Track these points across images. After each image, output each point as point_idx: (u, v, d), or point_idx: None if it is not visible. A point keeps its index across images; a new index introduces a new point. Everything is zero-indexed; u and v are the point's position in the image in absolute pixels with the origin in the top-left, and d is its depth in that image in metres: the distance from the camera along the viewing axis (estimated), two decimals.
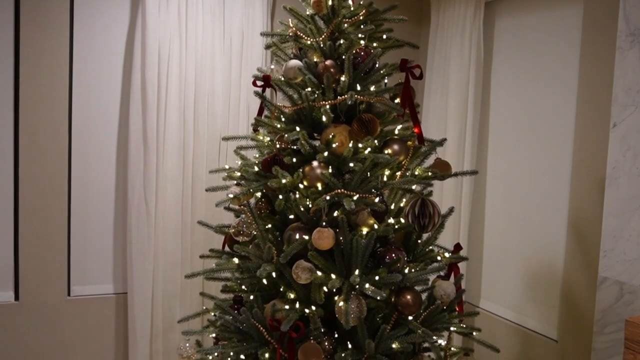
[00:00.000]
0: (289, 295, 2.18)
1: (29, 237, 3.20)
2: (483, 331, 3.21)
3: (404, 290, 2.12)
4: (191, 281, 3.36)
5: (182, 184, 3.32)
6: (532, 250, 3.07)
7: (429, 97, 3.59)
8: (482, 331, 2.71)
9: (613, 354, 2.03)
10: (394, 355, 2.14)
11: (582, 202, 2.72)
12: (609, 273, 2.04)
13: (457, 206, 3.30)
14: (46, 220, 3.22)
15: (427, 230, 2.12)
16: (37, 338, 3.26)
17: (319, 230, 2.02)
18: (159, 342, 3.34)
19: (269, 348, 2.09)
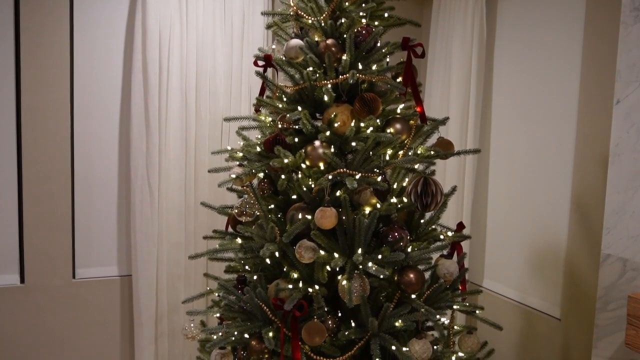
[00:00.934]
0: (292, 275, 2.19)
1: (33, 221, 3.21)
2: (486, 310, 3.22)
3: (406, 269, 2.12)
4: (195, 262, 3.38)
5: (185, 166, 3.32)
6: (535, 228, 3.07)
7: (432, 76, 3.57)
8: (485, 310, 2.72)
9: (615, 330, 2.04)
10: (397, 333, 2.15)
11: (585, 180, 2.72)
12: (612, 250, 2.04)
13: (459, 185, 3.29)
14: (50, 203, 3.23)
15: (429, 209, 2.12)
16: (43, 320, 3.29)
17: (322, 209, 2.02)
18: (164, 323, 3.37)
19: (273, 327, 2.10)
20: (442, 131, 2.39)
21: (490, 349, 2.64)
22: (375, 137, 2.09)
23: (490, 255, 3.42)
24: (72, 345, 3.36)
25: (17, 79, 3.16)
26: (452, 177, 3.33)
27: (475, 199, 3.40)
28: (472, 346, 2.42)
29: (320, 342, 2.04)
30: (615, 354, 2.05)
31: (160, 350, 3.38)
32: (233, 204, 2.43)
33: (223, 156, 2.58)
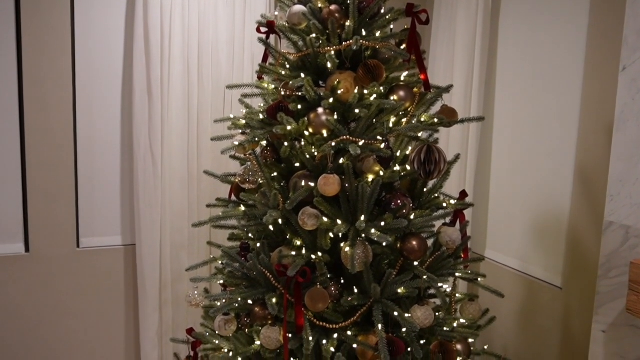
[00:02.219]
0: (295, 242, 2.20)
1: (37, 190, 3.22)
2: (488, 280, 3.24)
3: (409, 236, 2.13)
4: (198, 231, 3.40)
5: (188, 135, 3.32)
6: (538, 197, 3.07)
7: (436, 43, 3.54)
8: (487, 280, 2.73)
9: (617, 297, 2.05)
10: (400, 300, 2.17)
11: (590, 148, 2.71)
12: (615, 217, 2.04)
13: (463, 153, 3.29)
14: (53, 172, 3.23)
15: (432, 176, 2.12)
16: (48, 289, 3.32)
17: (325, 176, 2.02)
18: (168, 291, 3.40)
19: (276, 293, 2.12)
20: (446, 99, 2.38)
21: (492, 317, 2.67)
22: (379, 104, 2.08)
23: (493, 225, 3.43)
24: (77, 313, 3.40)
25: (18, 43, 3.14)
26: (456, 145, 3.32)
27: (478, 168, 3.40)
28: (474, 313, 2.44)
29: (323, 308, 2.05)
30: (616, 320, 2.06)
31: (164, 318, 3.41)
32: (236, 172, 2.43)
33: (226, 125, 2.57)
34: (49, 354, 3.37)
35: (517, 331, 3.22)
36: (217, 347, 2.39)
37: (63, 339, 3.39)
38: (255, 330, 2.24)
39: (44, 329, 3.34)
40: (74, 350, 3.42)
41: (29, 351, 3.32)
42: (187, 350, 2.62)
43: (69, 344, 3.41)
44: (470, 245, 2.52)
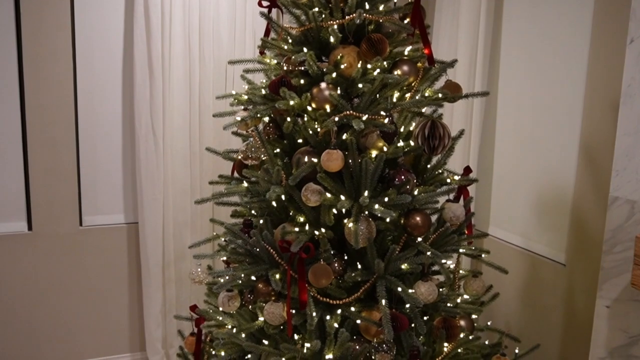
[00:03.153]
0: (298, 219, 2.19)
1: (39, 168, 3.21)
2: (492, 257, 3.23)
3: (413, 212, 2.11)
4: (201, 209, 3.39)
5: (189, 112, 3.30)
6: (542, 174, 3.05)
7: (440, 17, 3.49)
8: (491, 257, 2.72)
9: (621, 272, 2.04)
10: (403, 276, 2.17)
11: (595, 123, 2.68)
12: (620, 193, 2.02)
13: (467, 129, 3.26)
14: (55, 151, 3.22)
15: (436, 152, 2.10)
16: (51, 267, 3.32)
17: (328, 152, 2.01)
18: (171, 269, 3.40)
19: (279, 269, 2.11)
20: (449, 74, 2.35)
21: (495, 293, 2.67)
22: (382, 78, 2.05)
23: (496, 202, 3.42)
24: (80, 292, 3.41)
25: (18, 26, 3.11)
26: (460, 121, 3.30)
27: (482, 144, 3.37)
28: (477, 289, 2.44)
29: (326, 284, 2.05)
30: (620, 296, 2.06)
31: (168, 295, 3.43)
32: (238, 149, 2.41)
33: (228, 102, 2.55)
34: (53, 332, 3.39)
35: (520, 307, 3.22)
36: (221, 323, 2.40)
37: (67, 318, 3.41)
38: (259, 306, 2.24)
39: (47, 307, 3.35)
40: (78, 329, 3.44)
41: (32, 329, 3.34)
42: (191, 327, 2.62)
43: (72, 322, 3.42)
44: (473, 222, 2.50)
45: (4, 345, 3.29)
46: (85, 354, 3.48)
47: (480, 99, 3.26)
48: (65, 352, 3.43)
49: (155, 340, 3.42)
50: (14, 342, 3.31)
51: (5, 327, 3.28)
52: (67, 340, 3.42)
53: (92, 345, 3.49)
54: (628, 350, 2.05)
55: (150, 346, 3.44)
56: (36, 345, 3.36)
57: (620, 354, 2.07)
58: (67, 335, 3.42)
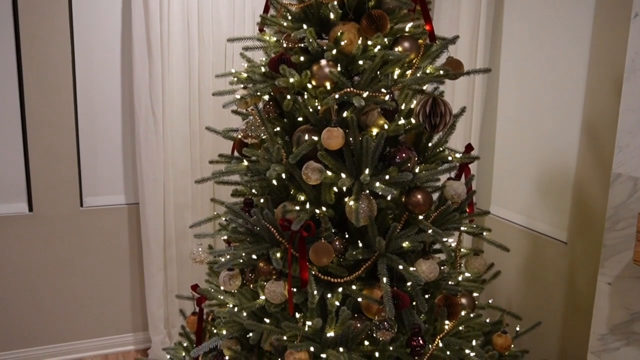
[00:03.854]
0: (299, 198, 2.18)
1: (38, 149, 3.20)
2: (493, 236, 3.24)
3: (414, 190, 2.10)
4: (202, 190, 3.39)
5: (189, 93, 3.27)
6: (545, 152, 3.03)
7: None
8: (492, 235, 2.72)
9: (623, 249, 2.03)
10: (404, 254, 2.16)
11: (598, 100, 2.66)
12: (623, 169, 2.01)
13: (468, 107, 3.24)
14: (54, 132, 3.21)
15: (438, 129, 2.08)
16: (53, 248, 3.33)
17: (329, 129, 1.99)
18: (172, 249, 3.41)
19: (280, 248, 2.11)
20: (451, 51, 2.32)
21: (497, 271, 2.67)
22: (383, 55, 2.02)
23: (498, 181, 3.41)
24: (82, 272, 3.42)
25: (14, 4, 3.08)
26: (461, 98, 3.28)
27: (484, 122, 3.36)
28: (479, 267, 2.44)
29: (327, 262, 2.04)
30: (622, 273, 2.05)
31: (169, 276, 3.43)
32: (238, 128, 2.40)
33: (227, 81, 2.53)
34: (55, 313, 3.40)
35: (521, 286, 3.22)
36: (222, 302, 2.40)
37: (68, 298, 3.42)
38: (260, 285, 2.23)
39: (49, 288, 3.36)
40: (80, 309, 3.45)
41: (34, 310, 3.35)
42: (193, 307, 2.63)
43: (74, 302, 3.44)
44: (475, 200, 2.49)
45: (6, 325, 3.31)
46: (88, 334, 3.50)
47: (482, 76, 3.23)
48: (67, 332, 3.45)
49: (157, 320, 3.43)
50: (16, 322, 3.33)
51: (7, 308, 3.29)
52: (70, 320, 3.44)
53: (94, 325, 3.50)
54: (629, 326, 2.05)
55: (153, 326, 3.45)
56: (38, 326, 3.38)
57: (621, 331, 2.07)
58: (69, 315, 3.44)
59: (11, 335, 3.33)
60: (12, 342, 3.34)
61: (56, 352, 3.43)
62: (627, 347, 2.06)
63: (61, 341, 3.44)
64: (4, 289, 3.27)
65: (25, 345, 3.36)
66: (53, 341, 3.42)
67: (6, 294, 3.28)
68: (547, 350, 3.04)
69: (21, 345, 3.36)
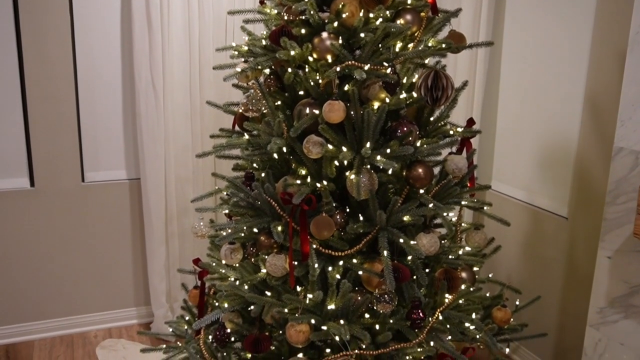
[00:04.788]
0: (300, 172, 2.18)
1: (39, 124, 3.19)
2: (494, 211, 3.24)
3: (415, 163, 2.10)
4: (203, 165, 3.38)
5: (190, 66, 3.25)
6: (546, 126, 3.02)
7: None
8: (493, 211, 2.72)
9: (624, 223, 2.04)
10: (405, 228, 2.17)
11: (601, 73, 2.65)
12: (625, 143, 2.00)
13: (471, 81, 3.22)
14: (54, 106, 3.20)
15: (439, 103, 2.07)
16: (55, 223, 3.34)
17: (330, 102, 1.98)
18: (174, 224, 3.42)
19: (282, 222, 2.11)
20: (453, 24, 2.31)
21: (497, 246, 2.67)
22: (385, 28, 2.01)
23: (499, 156, 3.40)
24: (84, 248, 3.43)
25: None
26: (463, 72, 3.25)
27: (486, 96, 3.34)
28: (479, 241, 2.45)
29: (328, 236, 2.05)
30: (622, 247, 2.06)
31: (171, 250, 3.45)
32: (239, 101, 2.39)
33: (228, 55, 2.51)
34: (57, 288, 3.42)
35: (521, 260, 3.24)
36: (224, 276, 2.41)
37: (71, 273, 3.44)
38: (261, 258, 2.25)
39: (52, 262, 3.38)
40: (83, 284, 3.48)
41: (37, 285, 3.38)
42: (194, 281, 2.65)
43: (77, 277, 3.46)
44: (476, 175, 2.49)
45: (9, 300, 3.33)
46: (91, 308, 3.53)
47: (484, 49, 3.21)
48: (70, 307, 3.48)
49: (160, 294, 3.45)
50: (19, 297, 3.35)
51: (10, 283, 3.32)
52: (72, 295, 3.46)
53: (97, 300, 3.53)
54: (628, 300, 2.06)
55: (155, 300, 3.47)
56: (41, 300, 3.40)
57: (620, 304, 2.09)
58: (72, 290, 3.46)
59: (14, 309, 3.36)
60: (16, 316, 3.37)
61: (59, 326, 3.46)
62: (625, 319, 2.08)
63: (64, 315, 3.47)
64: (6, 264, 3.29)
65: (28, 319, 3.39)
66: (56, 315, 3.45)
67: (9, 269, 3.30)
68: (546, 324, 3.06)
69: (24, 319, 3.39)
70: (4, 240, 3.26)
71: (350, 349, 2.04)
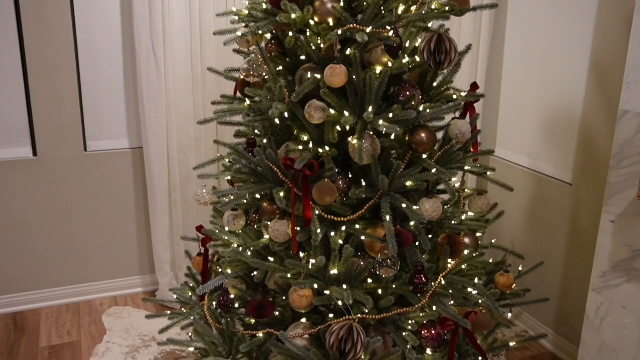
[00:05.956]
0: (302, 137, 2.17)
1: (40, 93, 3.17)
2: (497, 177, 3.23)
3: (418, 128, 2.09)
4: (205, 133, 3.37)
5: (190, 33, 3.22)
6: (552, 92, 2.99)
7: None
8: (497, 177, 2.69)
9: (628, 187, 2.03)
10: (408, 194, 2.16)
11: (608, 36, 2.61)
12: (630, 106, 1.98)
13: (475, 44, 3.18)
14: (55, 74, 3.18)
15: (443, 67, 2.04)
16: (58, 192, 3.34)
17: (332, 66, 1.96)
18: (177, 193, 3.42)
19: (284, 187, 2.11)
20: None
21: (501, 211, 2.67)
22: None
23: (504, 122, 3.38)
24: (88, 216, 3.44)
25: None
26: (467, 36, 3.21)
27: (490, 60, 3.30)
28: (482, 207, 2.44)
29: (331, 201, 2.05)
30: (625, 210, 2.06)
31: (174, 219, 3.46)
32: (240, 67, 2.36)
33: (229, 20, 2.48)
34: (62, 256, 3.45)
35: (525, 227, 3.24)
36: (227, 242, 2.42)
37: (76, 242, 3.46)
38: (264, 224, 2.25)
39: (56, 232, 3.39)
40: (88, 252, 3.50)
41: (41, 254, 3.40)
42: (198, 249, 2.66)
43: (81, 246, 3.48)
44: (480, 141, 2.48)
45: (16, 269, 3.36)
46: (97, 277, 3.56)
47: (489, 12, 3.16)
48: (76, 276, 3.50)
49: (164, 262, 3.48)
50: (25, 266, 3.38)
51: (16, 252, 3.34)
52: (77, 263, 3.49)
53: (102, 268, 3.56)
54: (631, 263, 2.06)
55: (159, 268, 3.50)
56: (47, 270, 3.43)
57: (623, 268, 2.09)
58: (77, 259, 3.48)
59: (21, 278, 3.38)
60: (22, 285, 3.39)
61: (65, 294, 3.50)
62: (627, 283, 2.08)
63: (70, 284, 3.50)
64: (10, 233, 3.30)
65: (35, 287, 3.42)
66: (62, 284, 3.48)
67: (12, 238, 3.31)
68: (548, 290, 3.07)
69: (31, 288, 3.42)
70: (9, 209, 3.27)
71: (353, 313, 2.05)
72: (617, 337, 2.15)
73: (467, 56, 2.36)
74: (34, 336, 3.15)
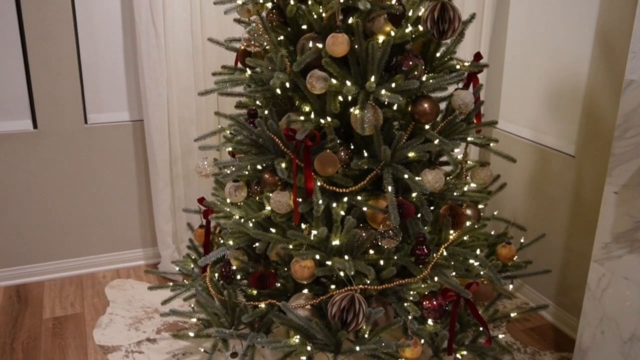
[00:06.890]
0: (303, 108, 2.15)
1: (39, 66, 3.14)
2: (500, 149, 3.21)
3: (421, 98, 2.06)
4: (206, 105, 3.35)
5: (190, 5, 3.17)
6: (556, 63, 2.96)
7: None
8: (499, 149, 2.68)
9: (631, 158, 2.01)
10: (410, 165, 2.15)
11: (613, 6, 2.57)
12: (636, 75, 1.95)
13: (479, 13, 3.14)
14: (54, 48, 3.14)
15: (446, 36, 2.02)
16: (59, 165, 3.33)
17: (333, 35, 1.93)
18: (178, 166, 3.41)
19: (285, 158, 2.10)
20: None
21: (503, 183, 2.66)
22: None
23: (507, 95, 3.35)
24: (90, 189, 3.44)
25: None
26: (471, 6, 3.16)
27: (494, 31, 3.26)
28: (485, 178, 2.43)
29: (332, 172, 2.04)
30: (628, 181, 2.04)
31: (176, 191, 3.45)
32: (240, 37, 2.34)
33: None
34: (64, 230, 3.45)
35: (527, 198, 3.23)
36: (228, 214, 2.42)
37: (77, 215, 3.46)
38: (265, 196, 2.24)
39: (57, 204, 3.39)
40: (90, 225, 3.50)
41: (43, 226, 3.40)
42: (200, 221, 2.66)
43: (83, 219, 3.48)
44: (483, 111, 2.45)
45: (18, 242, 3.37)
46: (99, 250, 3.57)
47: None
48: (79, 248, 3.51)
49: (166, 234, 3.48)
50: (27, 239, 3.38)
51: (18, 225, 3.34)
52: (79, 236, 3.49)
53: (104, 241, 3.56)
54: (633, 234, 2.06)
55: (162, 241, 3.50)
56: (50, 242, 3.44)
57: (625, 239, 2.09)
58: (79, 232, 3.49)
59: (24, 251, 3.39)
60: (25, 258, 3.41)
61: (68, 267, 3.51)
62: (630, 254, 2.08)
63: (73, 256, 3.51)
64: (12, 206, 3.30)
65: (37, 260, 3.43)
66: (65, 256, 3.49)
67: (15, 211, 3.31)
68: (550, 261, 3.08)
69: (34, 261, 3.43)
70: (10, 182, 3.26)
71: (355, 284, 2.05)
72: (618, 308, 2.15)
73: (470, 26, 2.32)
74: (38, 308, 3.17)
